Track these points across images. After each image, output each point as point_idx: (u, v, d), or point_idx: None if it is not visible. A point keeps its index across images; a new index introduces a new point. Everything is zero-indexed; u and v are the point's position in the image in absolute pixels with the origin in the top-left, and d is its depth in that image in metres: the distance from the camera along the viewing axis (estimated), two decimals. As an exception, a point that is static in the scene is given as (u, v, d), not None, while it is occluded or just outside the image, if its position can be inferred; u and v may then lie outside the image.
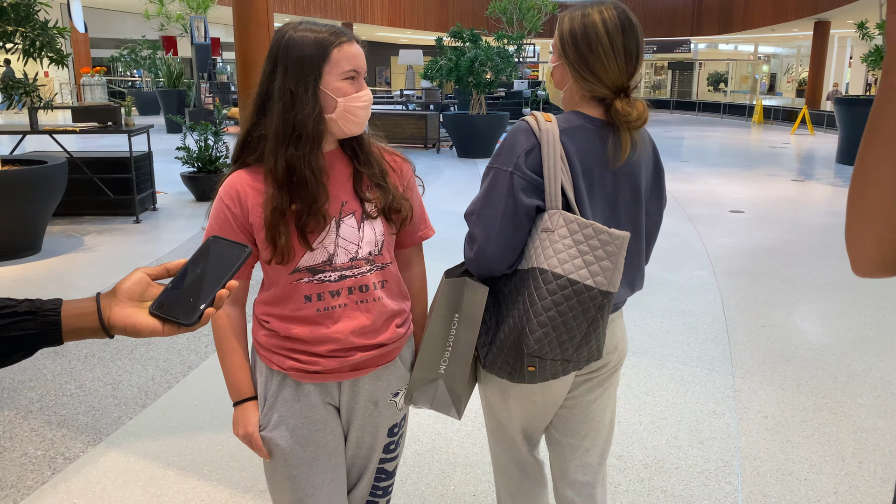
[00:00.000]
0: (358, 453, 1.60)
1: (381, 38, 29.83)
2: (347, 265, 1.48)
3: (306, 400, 1.52)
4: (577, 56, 1.54)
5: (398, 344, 1.58)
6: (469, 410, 3.17)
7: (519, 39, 13.05)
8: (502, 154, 1.53)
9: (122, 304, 0.90)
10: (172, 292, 0.90)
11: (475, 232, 1.52)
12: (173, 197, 8.27)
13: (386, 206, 1.50)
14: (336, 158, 1.51)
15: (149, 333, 0.89)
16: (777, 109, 22.01)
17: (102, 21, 22.42)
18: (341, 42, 1.41)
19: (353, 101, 1.43)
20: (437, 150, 13.38)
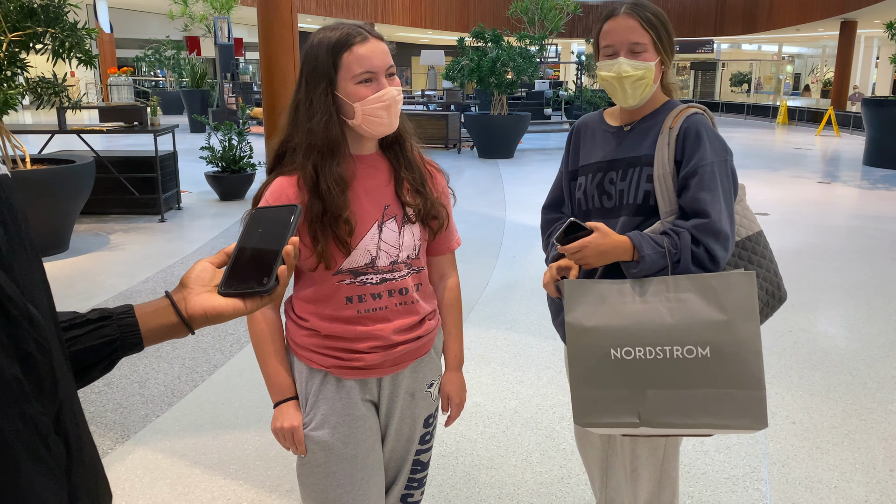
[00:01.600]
0: (396, 446, 1.63)
1: (403, 39, 29.88)
2: (388, 268, 1.50)
3: (347, 397, 1.54)
4: (671, 45, 1.66)
5: (431, 336, 1.62)
6: (493, 413, 3.16)
7: (541, 40, 13.00)
8: (714, 147, 1.60)
9: (195, 292, 0.84)
10: (236, 269, 0.85)
11: (726, 229, 1.56)
12: (197, 196, 8.34)
13: (425, 212, 1.52)
14: (376, 162, 1.52)
15: (232, 314, 0.82)
16: (802, 110, 21.74)
17: (127, 22, 22.69)
18: (351, 45, 1.40)
19: (371, 103, 1.41)
20: (458, 151, 13.38)
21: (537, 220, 2.08)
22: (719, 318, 1.50)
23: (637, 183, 1.65)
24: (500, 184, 9.62)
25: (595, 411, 1.58)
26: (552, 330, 4.16)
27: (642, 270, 1.56)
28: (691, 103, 1.69)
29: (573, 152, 1.84)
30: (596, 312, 1.58)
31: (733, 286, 1.50)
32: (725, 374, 1.49)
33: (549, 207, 1.91)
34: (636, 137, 1.70)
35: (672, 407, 1.52)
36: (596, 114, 1.85)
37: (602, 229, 1.58)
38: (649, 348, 1.52)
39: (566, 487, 2.61)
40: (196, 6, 16.49)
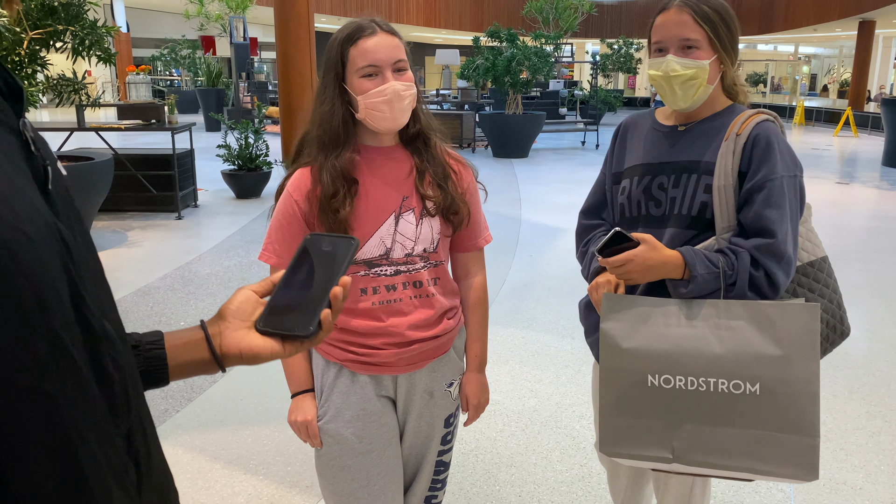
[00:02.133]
0: (415, 443, 1.61)
1: (417, 38, 29.89)
2: (403, 260, 1.49)
3: (362, 392, 1.53)
4: (733, 42, 1.51)
5: (451, 335, 1.59)
6: (512, 411, 3.15)
7: (556, 39, 12.96)
8: (785, 160, 1.46)
9: (232, 327, 0.77)
10: (279, 302, 0.78)
11: (790, 252, 1.42)
12: (214, 194, 8.38)
13: (445, 206, 1.50)
14: (396, 154, 1.52)
15: (269, 357, 0.76)
16: (819, 111, 21.56)
17: (143, 21, 22.83)
18: (357, 39, 1.42)
19: (372, 97, 1.42)
20: (473, 150, 13.37)
21: (553, 219, 2.02)
22: (774, 353, 1.35)
23: (693, 192, 1.51)
24: (514, 183, 9.60)
25: (624, 441, 1.47)
26: (570, 329, 4.16)
27: (692, 291, 1.43)
28: (761, 109, 1.53)
29: (618, 153, 1.69)
30: (635, 333, 1.45)
31: (793, 318, 1.36)
32: (775, 415, 1.35)
33: (588, 213, 1.76)
34: (693, 140, 1.55)
35: (711, 445, 1.39)
36: (646, 112, 1.72)
37: (650, 242, 1.44)
38: (691, 378, 1.39)
39: (587, 486, 2.59)
40: (212, 6, 16.56)
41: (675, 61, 1.48)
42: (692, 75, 1.47)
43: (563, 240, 6.34)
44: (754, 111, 1.52)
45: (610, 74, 20.44)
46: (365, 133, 1.50)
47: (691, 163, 1.53)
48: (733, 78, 1.56)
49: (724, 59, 1.51)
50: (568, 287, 4.94)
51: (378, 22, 1.44)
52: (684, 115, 1.59)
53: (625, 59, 17.75)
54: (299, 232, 1.49)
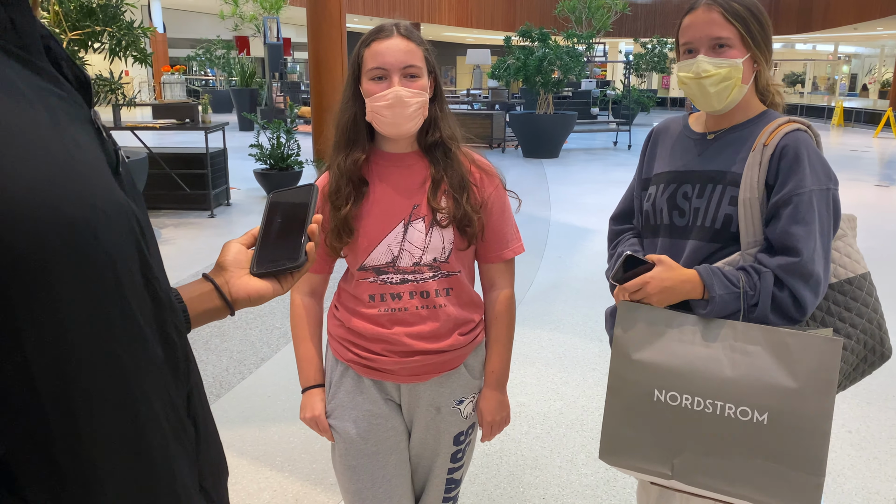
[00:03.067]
0: (422, 453, 1.60)
1: (449, 38, 29.92)
2: (411, 269, 1.47)
3: (367, 394, 1.53)
4: (766, 39, 1.44)
5: (462, 352, 1.54)
6: (537, 413, 3.14)
7: (589, 38, 12.88)
8: (815, 172, 1.39)
9: (235, 274, 0.87)
10: (264, 248, 0.89)
11: (818, 271, 1.36)
12: (246, 193, 8.48)
13: (458, 219, 1.46)
14: (412, 161, 1.50)
15: (272, 295, 0.87)
16: (858, 111, 21.09)
17: (179, 21, 23.20)
18: (372, 41, 1.41)
19: (376, 100, 1.40)
20: (503, 150, 13.34)
21: (582, 220, 2.00)
22: (787, 385, 1.30)
23: (717, 204, 1.45)
24: (544, 183, 9.56)
25: (624, 452, 1.44)
26: (598, 331, 4.12)
27: (711, 312, 1.38)
28: (794, 118, 1.45)
29: (648, 159, 1.65)
30: (647, 345, 1.42)
31: (812, 351, 1.29)
32: (781, 448, 1.29)
33: (618, 218, 1.74)
34: (722, 149, 1.49)
35: (712, 469, 1.35)
36: (679, 117, 1.66)
37: (666, 262, 1.40)
38: (698, 399, 1.35)
39: (612, 490, 2.57)
40: (246, 6, 16.77)
41: (707, 61, 1.42)
42: (725, 74, 1.41)
43: (592, 241, 6.30)
44: (785, 119, 1.45)
45: (643, 74, 20.25)
46: (380, 137, 1.49)
47: (717, 173, 1.47)
48: (767, 78, 1.50)
49: (757, 58, 1.44)
50: (596, 289, 4.90)
51: (399, 25, 1.43)
52: (715, 121, 1.53)
53: (658, 58, 17.56)
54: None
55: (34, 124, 0.51)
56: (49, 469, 0.51)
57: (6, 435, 0.49)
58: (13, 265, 0.47)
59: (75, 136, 0.56)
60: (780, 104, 1.55)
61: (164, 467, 0.61)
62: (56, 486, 0.52)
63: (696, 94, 1.47)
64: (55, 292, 0.50)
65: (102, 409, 0.55)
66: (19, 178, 0.48)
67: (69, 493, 0.53)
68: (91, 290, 0.53)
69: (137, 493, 0.58)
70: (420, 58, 1.42)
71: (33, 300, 0.49)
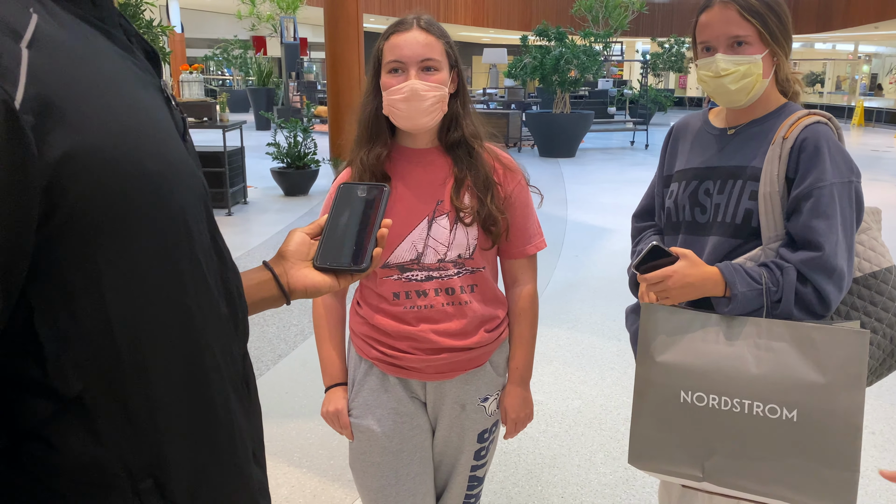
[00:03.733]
0: (445, 451, 1.59)
1: (465, 38, 29.92)
2: (435, 266, 1.46)
3: (392, 391, 1.52)
4: (785, 33, 1.42)
5: (487, 349, 1.53)
6: (555, 412, 3.12)
7: (605, 38, 12.81)
8: (836, 164, 1.36)
9: (295, 266, 0.88)
10: (330, 243, 0.89)
11: (841, 265, 1.33)
12: (263, 191, 8.52)
13: (482, 217, 1.45)
14: (434, 157, 1.49)
15: (328, 290, 0.88)
16: (879, 111, 20.85)
17: (197, 21, 23.35)
18: (391, 34, 1.41)
19: (392, 93, 1.39)
20: (519, 150, 13.31)
21: (600, 219, 1.98)
22: (815, 380, 1.27)
23: (738, 199, 1.44)
24: (561, 182, 9.52)
25: (653, 455, 1.43)
26: (616, 330, 4.10)
27: (734, 309, 1.36)
28: (814, 110, 1.43)
29: (669, 156, 1.64)
30: (671, 346, 1.40)
31: (840, 344, 1.27)
32: (812, 445, 1.27)
33: (640, 216, 1.73)
34: (741, 143, 1.48)
35: (743, 469, 1.33)
36: (700, 113, 1.64)
37: (690, 257, 1.38)
38: (725, 398, 1.34)
39: (631, 490, 2.55)
40: (263, 6, 16.85)
41: (726, 59, 1.40)
42: (745, 71, 1.40)
43: (609, 240, 6.27)
44: (805, 112, 1.43)
45: (660, 74, 20.14)
46: (402, 133, 1.48)
47: (738, 168, 1.45)
48: (787, 72, 1.48)
49: (776, 52, 1.42)
50: (614, 288, 4.87)
51: (420, 18, 1.42)
52: (735, 116, 1.51)
53: (676, 58, 17.47)
54: None
55: (120, 85, 0.55)
56: (119, 406, 0.55)
57: (84, 371, 0.53)
58: (100, 210, 0.51)
59: (152, 100, 0.61)
60: (799, 93, 1.53)
61: (225, 417, 0.65)
62: (125, 424, 0.55)
63: (716, 92, 1.45)
64: (133, 239, 0.54)
65: (170, 353, 0.58)
66: (107, 133, 0.52)
67: (137, 430, 0.56)
68: (165, 240, 0.57)
69: (199, 436, 0.61)
70: (439, 51, 1.41)
71: (114, 245, 0.52)
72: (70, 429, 0.53)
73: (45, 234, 0.49)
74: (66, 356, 0.52)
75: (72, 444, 0.53)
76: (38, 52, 0.48)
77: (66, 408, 0.52)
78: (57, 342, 0.51)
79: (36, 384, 0.51)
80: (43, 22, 0.50)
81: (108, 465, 0.54)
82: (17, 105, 0.46)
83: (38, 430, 0.52)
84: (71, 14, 0.55)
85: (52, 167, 0.48)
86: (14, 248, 0.47)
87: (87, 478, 0.54)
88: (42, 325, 0.51)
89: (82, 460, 0.53)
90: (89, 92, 0.51)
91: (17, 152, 0.46)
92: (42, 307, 0.50)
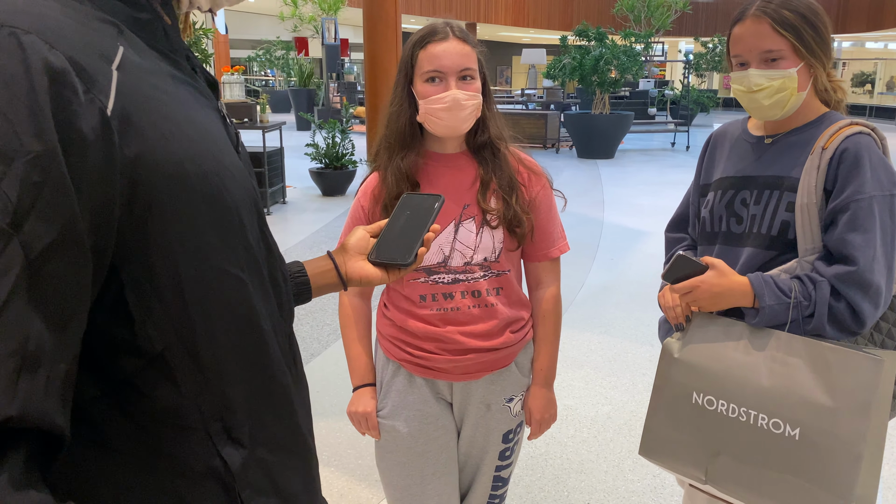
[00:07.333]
0: (470, 452, 1.60)
1: (505, 38, 29.85)
2: (461, 268, 1.48)
3: (419, 393, 1.54)
4: (822, 44, 1.38)
5: (513, 349, 1.55)
6: (585, 417, 3.10)
7: (647, 38, 12.66)
8: (877, 177, 1.32)
9: (353, 258, 1.02)
10: (385, 241, 1.03)
11: (878, 280, 1.30)
12: (301, 191, 8.62)
13: (507, 219, 1.47)
14: (461, 162, 1.51)
15: (378, 282, 1.02)
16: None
17: (241, 23, 23.74)
18: (427, 42, 1.41)
19: (432, 103, 1.41)
20: (557, 150, 13.23)
21: (637, 222, 1.97)
22: (822, 402, 1.25)
23: (774, 210, 1.41)
24: (599, 184, 9.44)
25: (662, 451, 1.45)
26: (649, 335, 4.05)
27: (760, 322, 1.35)
28: (857, 120, 1.40)
29: (706, 165, 1.62)
30: (692, 346, 1.42)
31: (853, 369, 1.24)
32: (811, 466, 1.25)
33: (673, 226, 1.72)
34: (780, 153, 1.45)
35: (743, 478, 1.33)
36: (738, 121, 1.62)
37: (719, 267, 1.38)
38: (733, 406, 1.34)
39: (659, 498, 2.52)
40: (305, 7, 17.05)
41: (759, 74, 1.38)
42: (779, 86, 1.37)
43: (646, 243, 6.19)
44: (847, 122, 1.39)
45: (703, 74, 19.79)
46: (429, 138, 1.50)
47: (775, 178, 1.43)
48: (825, 81, 1.44)
49: (812, 64, 1.39)
50: (650, 292, 4.82)
51: (453, 26, 1.43)
52: (773, 125, 1.49)
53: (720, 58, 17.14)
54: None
55: (181, 103, 0.67)
56: (195, 365, 0.66)
57: (164, 333, 0.64)
58: (170, 201, 0.62)
59: (208, 117, 0.72)
60: (842, 101, 1.50)
61: (280, 376, 0.75)
62: (200, 380, 0.66)
63: (750, 107, 1.44)
64: (199, 225, 0.65)
65: (231, 317, 0.69)
66: (171, 140, 0.63)
67: (207, 381, 0.67)
68: (222, 224, 0.68)
69: (257, 388, 0.72)
70: (475, 60, 1.44)
71: (184, 229, 0.64)
72: (156, 380, 0.64)
73: (129, 222, 0.60)
74: (149, 321, 0.63)
75: (157, 393, 0.64)
76: (124, 74, 0.60)
77: (151, 363, 0.63)
78: (142, 310, 0.62)
79: (127, 344, 0.62)
80: (127, 51, 0.63)
81: (185, 409, 0.66)
82: (109, 112, 0.57)
83: (132, 381, 0.63)
84: (147, 45, 0.68)
85: (131, 165, 0.59)
86: (105, 228, 0.57)
87: (170, 420, 0.65)
88: (130, 296, 0.61)
89: (166, 405, 0.65)
90: (158, 108, 0.63)
91: (109, 149, 0.57)
92: (130, 281, 0.61)
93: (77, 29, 0.59)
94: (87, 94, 0.56)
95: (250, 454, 0.71)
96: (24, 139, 0.51)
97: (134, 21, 0.67)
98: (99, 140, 0.56)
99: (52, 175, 0.52)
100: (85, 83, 0.56)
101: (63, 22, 0.58)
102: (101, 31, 0.62)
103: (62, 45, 0.56)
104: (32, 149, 0.52)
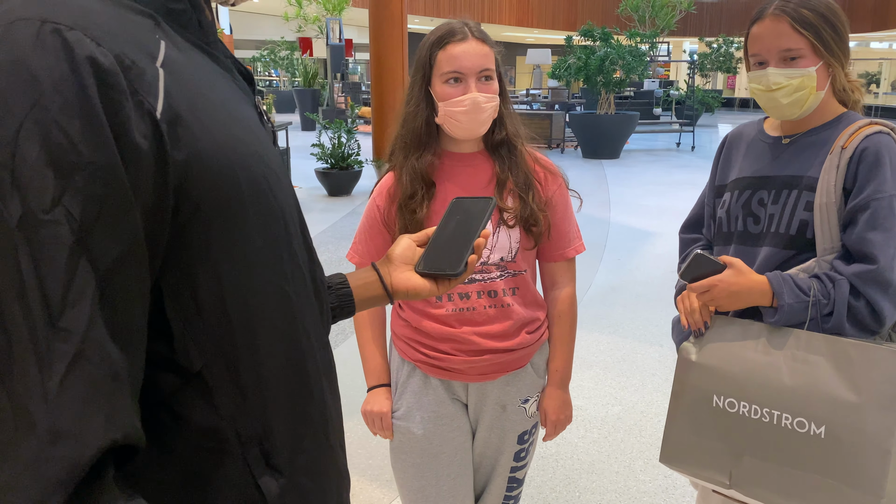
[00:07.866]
0: (485, 453, 1.60)
1: (509, 38, 29.84)
2: (478, 268, 1.48)
3: (434, 394, 1.54)
4: (840, 43, 1.37)
5: (529, 350, 1.55)
6: (594, 417, 3.10)
7: (652, 38, 12.65)
8: (895, 176, 1.32)
9: (399, 269, 0.95)
10: (433, 251, 0.96)
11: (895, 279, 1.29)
12: (307, 191, 8.63)
13: (524, 218, 1.47)
14: (478, 161, 1.51)
15: (427, 294, 0.94)
16: (938, 112, 20.13)
17: (246, 23, 23.77)
18: (447, 43, 1.41)
19: (452, 105, 1.40)
20: (562, 151, 13.23)
21: (643, 222, 1.96)
22: (847, 398, 1.24)
23: (792, 209, 1.40)
24: (604, 184, 9.44)
25: (684, 457, 1.43)
26: (658, 335, 4.05)
27: (779, 321, 1.34)
28: (877, 120, 1.40)
29: (722, 166, 1.62)
30: (709, 348, 1.40)
31: (877, 363, 1.23)
32: (838, 464, 1.24)
33: (688, 227, 1.71)
34: (797, 153, 1.45)
35: (768, 481, 1.31)
36: (754, 122, 1.61)
37: (737, 266, 1.37)
38: (755, 407, 1.33)
39: (671, 499, 2.52)
40: (310, 8, 17.07)
41: (778, 73, 1.38)
42: (798, 85, 1.37)
43: (653, 243, 6.19)
44: (866, 122, 1.39)
45: (708, 74, 19.78)
46: (446, 138, 1.49)
47: (793, 178, 1.42)
48: (843, 81, 1.44)
49: (831, 63, 1.39)
50: (657, 293, 4.82)
51: (471, 27, 1.43)
52: (791, 125, 1.48)
53: (724, 58, 17.13)
54: (379, 234, 1.52)
55: (226, 101, 0.63)
56: (233, 382, 0.62)
57: (204, 349, 0.59)
58: (216, 207, 0.58)
59: (250, 114, 0.68)
60: (859, 101, 1.49)
61: (319, 396, 0.71)
62: (238, 397, 0.62)
63: (768, 105, 1.43)
64: (243, 232, 0.61)
65: (273, 335, 0.65)
66: (219, 141, 0.59)
67: (247, 403, 0.63)
68: (268, 233, 0.64)
69: (298, 411, 0.68)
70: (493, 60, 1.44)
71: (228, 237, 0.60)
72: (193, 401, 0.60)
73: (174, 228, 0.56)
74: (189, 335, 0.58)
75: (194, 415, 0.60)
76: (169, 72, 0.56)
77: (189, 382, 0.59)
78: (182, 322, 0.58)
79: (165, 360, 0.58)
80: (168, 46, 0.58)
81: (223, 433, 0.61)
82: (158, 115, 0.54)
83: (167, 401, 0.59)
84: (183, 38, 0.63)
85: (181, 168, 0.55)
86: (158, 236, 0.55)
87: (206, 444, 0.60)
88: (170, 308, 0.57)
89: (202, 428, 0.60)
90: (205, 106, 0.59)
91: (161, 155, 0.54)
92: (170, 291, 0.57)
93: (119, 23, 0.55)
94: (136, 97, 0.52)
95: (288, 482, 0.66)
96: (82, 149, 0.49)
97: (168, 11, 0.62)
98: (152, 146, 0.53)
99: (113, 186, 0.50)
100: (133, 83, 0.52)
101: (106, 15, 0.54)
102: (139, 25, 0.57)
103: (108, 42, 0.52)
104: (92, 160, 0.49)
